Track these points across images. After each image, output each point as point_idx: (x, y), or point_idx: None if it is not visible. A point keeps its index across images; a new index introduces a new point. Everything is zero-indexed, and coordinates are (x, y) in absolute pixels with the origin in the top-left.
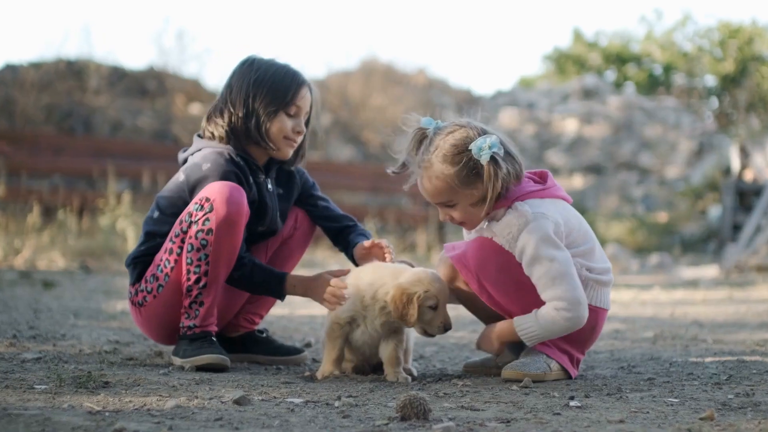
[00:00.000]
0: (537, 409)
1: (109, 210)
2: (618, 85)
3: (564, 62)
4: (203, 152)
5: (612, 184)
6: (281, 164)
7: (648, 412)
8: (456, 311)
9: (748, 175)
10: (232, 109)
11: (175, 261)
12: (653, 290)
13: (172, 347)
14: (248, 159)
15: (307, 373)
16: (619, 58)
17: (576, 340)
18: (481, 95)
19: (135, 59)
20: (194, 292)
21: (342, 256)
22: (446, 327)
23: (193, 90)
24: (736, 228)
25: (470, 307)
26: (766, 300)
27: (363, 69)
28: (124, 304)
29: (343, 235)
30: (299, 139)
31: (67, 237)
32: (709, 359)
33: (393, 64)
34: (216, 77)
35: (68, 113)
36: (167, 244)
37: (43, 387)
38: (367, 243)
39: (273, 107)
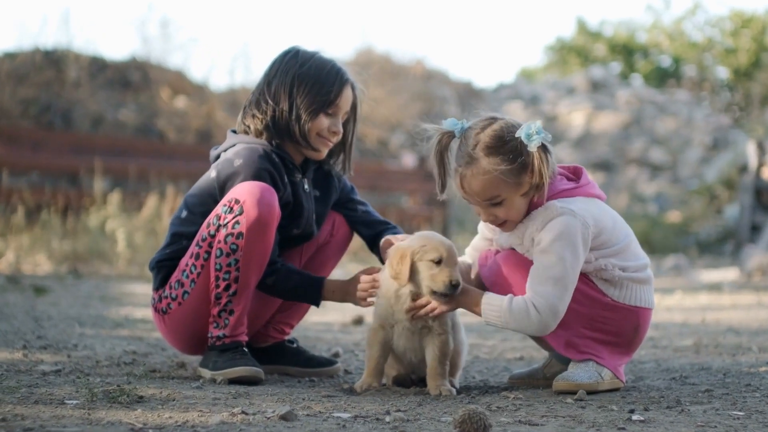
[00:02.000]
0: (599, 424)
1: (95, 210)
2: (625, 77)
3: (567, 53)
4: (236, 148)
5: (622, 181)
6: (320, 165)
7: (715, 426)
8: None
9: (767, 173)
10: (274, 102)
11: (202, 266)
12: (676, 295)
13: (195, 358)
14: (285, 157)
15: (346, 386)
16: (625, 49)
17: (620, 341)
18: (483, 88)
19: (117, 49)
20: (223, 300)
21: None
22: (453, 283)
23: (179, 82)
24: (755, 228)
25: None
26: None
27: (358, 60)
28: (126, 311)
29: (378, 238)
30: (335, 139)
31: (51, 239)
32: (763, 369)
33: (390, 54)
34: (203, 69)
35: (46, 106)
36: (193, 249)
37: (75, 402)
38: (393, 237)
39: (315, 105)
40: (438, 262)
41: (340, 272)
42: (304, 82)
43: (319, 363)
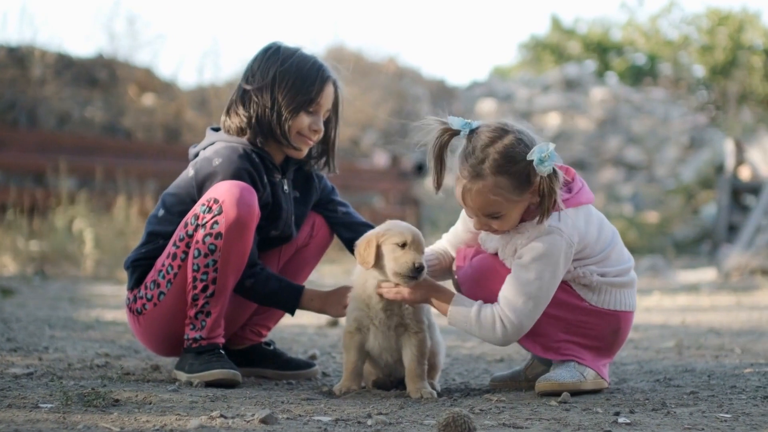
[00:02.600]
0: (584, 427)
1: (62, 210)
2: (599, 75)
3: (541, 51)
4: (216, 146)
5: (597, 181)
6: (300, 165)
7: (703, 429)
8: None
9: (744, 173)
10: (257, 99)
11: (179, 267)
12: (654, 296)
13: (169, 360)
14: (265, 156)
15: (325, 389)
16: (599, 47)
17: (600, 345)
18: (456, 86)
19: (83, 46)
20: (201, 302)
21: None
22: (416, 265)
23: (146, 79)
24: (732, 228)
25: None
26: None
27: (329, 57)
28: (96, 313)
29: None
30: (315, 137)
31: (17, 239)
32: (747, 371)
33: (362, 52)
34: (171, 66)
35: (11, 104)
36: (170, 248)
37: (50, 406)
38: None
39: (295, 103)
40: (402, 246)
41: (314, 275)
42: (285, 80)
43: (296, 365)
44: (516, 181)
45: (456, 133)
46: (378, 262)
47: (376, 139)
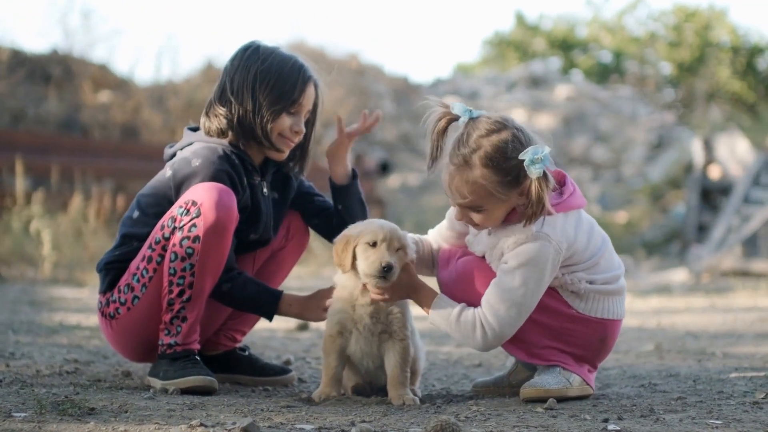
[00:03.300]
0: None
1: (18, 211)
2: (565, 73)
3: (505, 48)
4: (194, 147)
5: None
6: (279, 167)
7: None
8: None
9: (714, 172)
10: (237, 100)
11: (155, 270)
12: (626, 297)
13: (140, 366)
14: (244, 158)
15: (304, 395)
16: (564, 44)
17: (585, 354)
18: (420, 83)
19: (37, 42)
20: (176, 306)
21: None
22: (384, 265)
23: (102, 76)
24: (701, 229)
25: None
26: (751, 308)
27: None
28: (59, 317)
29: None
30: (297, 139)
31: None
32: (733, 375)
33: (323, 48)
34: (127, 61)
35: None
36: (145, 251)
37: (23, 415)
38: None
39: (278, 105)
40: (373, 245)
41: None
42: (266, 80)
43: (272, 371)
44: (503, 178)
45: (456, 118)
46: (354, 264)
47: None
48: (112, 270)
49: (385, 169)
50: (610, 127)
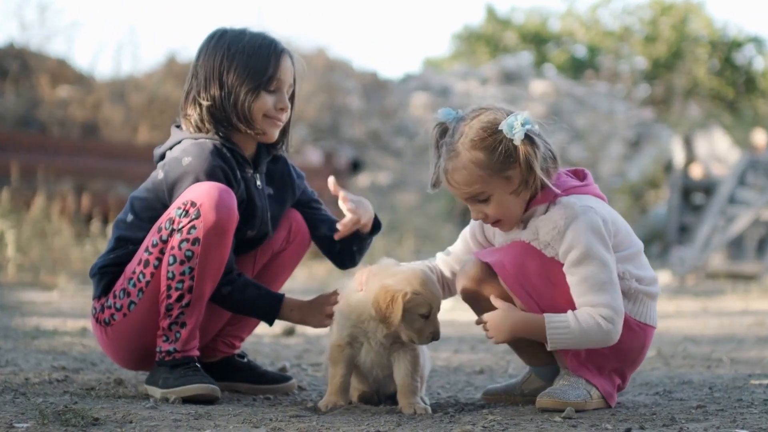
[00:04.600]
0: None
1: None
2: (537, 67)
3: (475, 42)
4: (183, 145)
5: None
6: (272, 158)
7: None
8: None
9: (696, 171)
10: (205, 91)
11: (152, 275)
12: None
13: (132, 374)
14: (235, 150)
15: (309, 404)
16: (537, 38)
17: (623, 362)
18: (389, 78)
19: None
20: (175, 312)
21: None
22: (434, 336)
23: (60, 70)
24: (683, 229)
25: None
26: (744, 311)
27: None
28: (34, 322)
29: (345, 244)
30: (284, 116)
31: None
32: (753, 383)
33: (289, 42)
34: (87, 55)
35: None
36: (142, 255)
37: (26, 426)
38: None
39: (252, 84)
40: (426, 317)
41: None
42: (235, 62)
43: (272, 379)
44: (492, 156)
45: (446, 125)
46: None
47: (306, 135)
48: (107, 274)
49: (356, 167)
50: (586, 124)
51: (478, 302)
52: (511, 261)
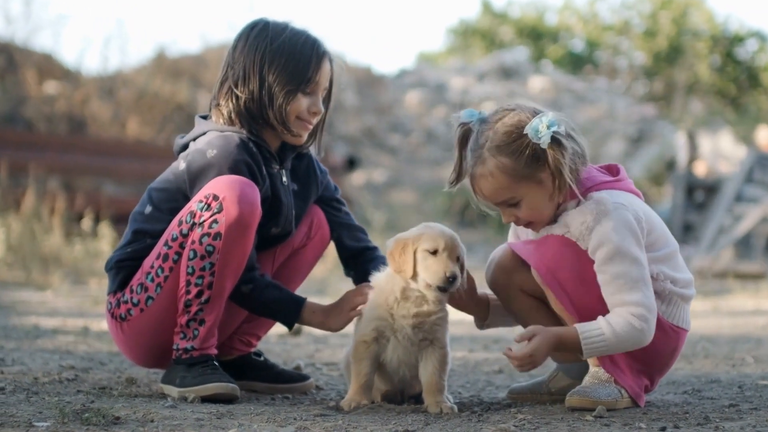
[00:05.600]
0: None
1: None
2: (534, 62)
3: (471, 36)
4: (208, 137)
5: None
6: (298, 154)
7: None
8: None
9: (700, 169)
10: (243, 84)
11: (171, 269)
12: None
13: (144, 372)
14: (262, 145)
15: (332, 403)
16: (533, 32)
17: (654, 365)
18: (384, 74)
19: None
20: (194, 308)
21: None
22: (450, 277)
23: (47, 65)
24: (687, 228)
25: (522, 319)
26: (756, 311)
27: None
28: (32, 321)
29: (360, 262)
30: (315, 120)
31: None
32: None
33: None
34: (74, 49)
35: None
36: (161, 249)
37: (46, 425)
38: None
39: (291, 85)
40: (434, 253)
41: None
42: (276, 60)
43: (289, 378)
44: (519, 160)
45: (469, 126)
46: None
47: None
48: (124, 268)
49: (352, 164)
50: (587, 120)
51: (507, 292)
52: (545, 253)
